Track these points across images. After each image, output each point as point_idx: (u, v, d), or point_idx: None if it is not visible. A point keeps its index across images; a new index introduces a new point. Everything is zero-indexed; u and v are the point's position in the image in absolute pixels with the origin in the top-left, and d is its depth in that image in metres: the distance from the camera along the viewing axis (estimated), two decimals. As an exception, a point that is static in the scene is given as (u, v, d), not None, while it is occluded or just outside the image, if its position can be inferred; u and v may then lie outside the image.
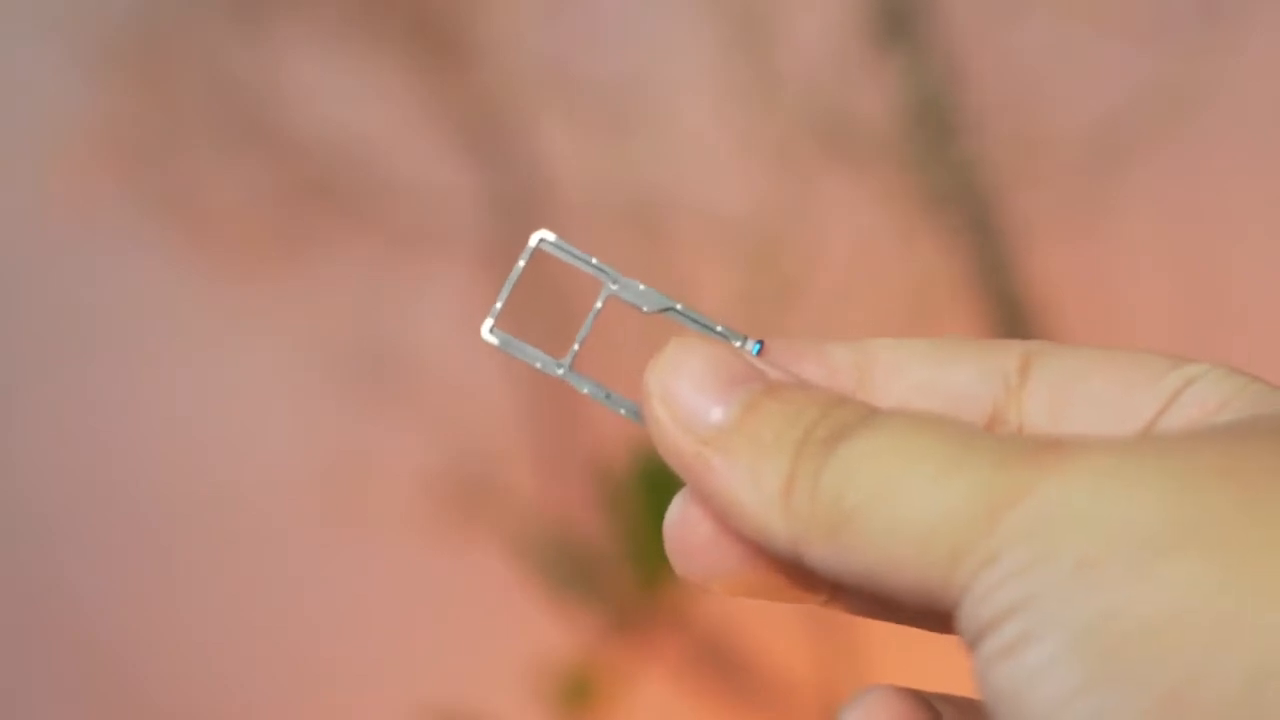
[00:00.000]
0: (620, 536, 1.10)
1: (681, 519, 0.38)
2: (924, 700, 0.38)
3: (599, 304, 0.40)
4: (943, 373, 0.39)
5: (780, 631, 1.11)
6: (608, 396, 0.40)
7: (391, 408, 1.11)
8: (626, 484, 1.09)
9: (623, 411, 0.39)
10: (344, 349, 1.11)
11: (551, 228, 1.17)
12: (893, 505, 0.34)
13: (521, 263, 0.41)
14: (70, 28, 1.09)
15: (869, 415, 0.35)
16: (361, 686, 1.13)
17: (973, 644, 0.33)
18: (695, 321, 0.40)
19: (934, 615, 0.39)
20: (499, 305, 0.41)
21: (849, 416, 0.35)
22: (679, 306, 0.40)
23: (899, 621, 0.39)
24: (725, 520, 0.36)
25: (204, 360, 1.13)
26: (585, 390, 0.40)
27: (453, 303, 1.11)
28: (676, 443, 0.36)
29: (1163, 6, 1.07)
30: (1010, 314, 1.06)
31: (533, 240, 0.41)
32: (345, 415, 1.11)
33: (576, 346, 0.40)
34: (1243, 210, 1.09)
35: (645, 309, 0.40)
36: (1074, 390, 0.38)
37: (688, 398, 0.37)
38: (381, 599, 1.13)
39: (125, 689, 1.12)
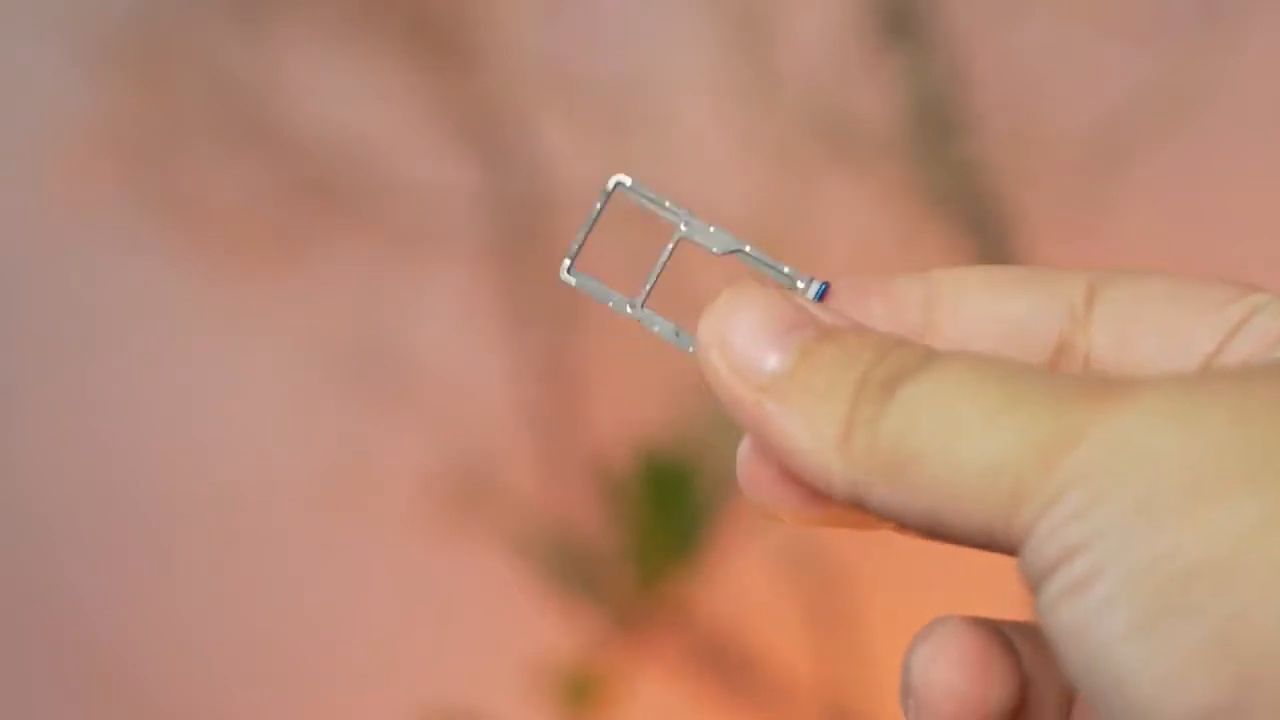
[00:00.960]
0: (621, 536, 1.10)
1: (753, 453, 0.38)
2: (998, 632, 0.38)
3: (670, 245, 0.41)
4: (1008, 303, 0.39)
5: (781, 631, 1.11)
6: (677, 334, 0.40)
7: (392, 407, 1.11)
8: (627, 483, 1.09)
9: (691, 349, 0.39)
10: (344, 349, 1.11)
11: (551, 226, 1.17)
12: (952, 448, 0.34)
13: (598, 204, 0.41)
14: (70, 27, 1.09)
15: (926, 358, 0.36)
16: (361, 686, 1.13)
17: (1036, 585, 0.33)
18: (763, 263, 0.41)
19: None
20: (576, 246, 0.41)
21: (906, 359, 0.36)
22: (748, 248, 0.41)
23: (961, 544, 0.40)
24: (785, 464, 0.37)
25: (204, 360, 1.13)
26: (656, 329, 0.41)
27: (453, 302, 1.11)
28: (733, 391, 0.37)
29: (1163, 6, 1.07)
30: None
31: (609, 183, 0.41)
32: (345, 415, 1.11)
33: (649, 286, 0.41)
34: (1244, 210, 1.09)
35: (715, 250, 0.41)
36: (1139, 320, 0.38)
37: (743, 346, 0.37)
38: (381, 598, 1.13)
39: (125, 689, 1.12)
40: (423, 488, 1.11)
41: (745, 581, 1.10)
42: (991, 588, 0.75)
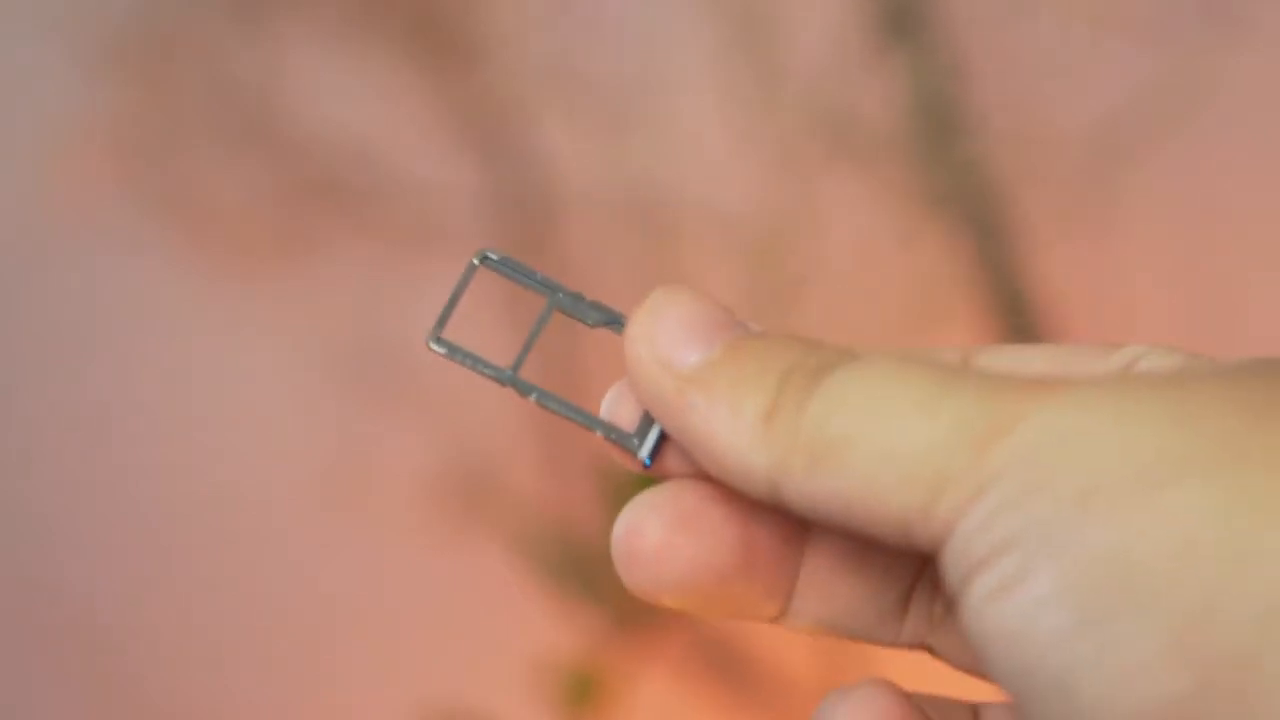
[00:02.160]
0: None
1: (630, 528, 0.37)
2: (914, 704, 0.37)
3: (545, 316, 0.41)
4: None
5: (782, 631, 1.10)
6: (557, 402, 0.40)
7: (393, 407, 1.11)
8: (628, 483, 1.09)
9: (573, 417, 0.39)
10: (345, 348, 1.11)
11: (553, 226, 1.17)
12: (878, 433, 0.33)
13: (465, 279, 0.41)
14: (70, 27, 1.09)
15: (853, 353, 0.35)
16: (362, 686, 1.13)
17: (961, 585, 0.32)
18: None
19: (893, 614, 0.38)
20: (443, 316, 0.41)
21: (834, 354, 0.35)
22: (623, 320, 0.40)
23: (853, 638, 0.39)
24: (703, 462, 0.36)
25: (204, 360, 1.13)
26: (533, 397, 0.40)
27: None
28: (658, 383, 0.37)
29: (1164, 6, 1.07)
30: (1013, 313, 1.06)
31: (475, 258, 0.42)
32: (346, 415, 1.11)
33: (524, 354, 0.41)
34: (1246, 209, 1.09)
35: (590, 322, 0.40)
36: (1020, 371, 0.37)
37: (671, 338, 0.37)
38: (382, 598, 1.13)
39: (126, 688, 1.12)
40: (423, 488, 1.11)
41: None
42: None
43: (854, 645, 1.15)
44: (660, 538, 0.37)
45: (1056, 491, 0.31)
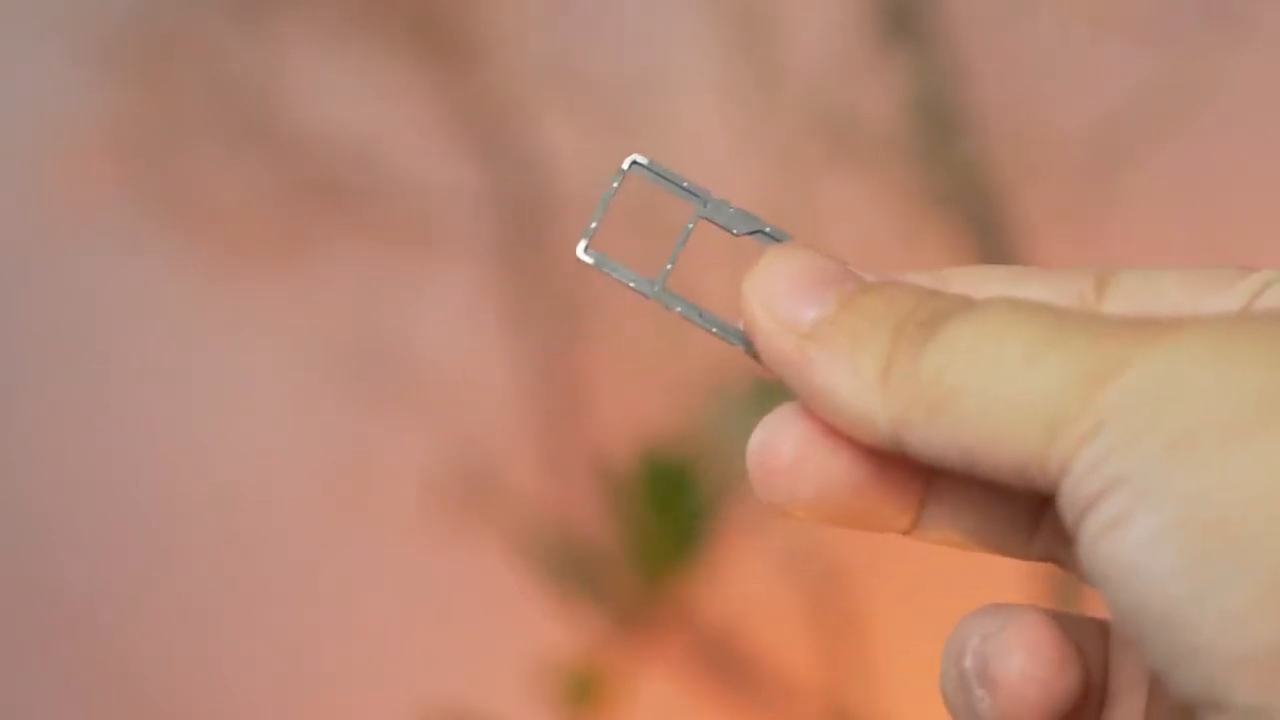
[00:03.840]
0: (623, 535, 1.10)
1: (765, 442, 0.38)
2: (1060, 619, 0.38)
3: (690, 225, 0.40)
4: (1017, 292, 0.39)
5: (784, 631, 1.10)
6: (700, 315, 0.40)
7: (393, 407, 1.11)
8: (629, 482, 1.09)
9: (715, 330, 0.40)
10: (346, 348, 1.11)
11: (553, 226, 1.17)
12: (992, 381, 0.34)
13: (615, 184, 0.41)
14: (71, 27, 1.09)
15: (966, 301, 0.36)
16: (363, 686, 1.13)
17: (1076, 523, 0.33)
18: (784, 241, 0.40)
19: (1024, 528, 0.38)
20: (593, 225, 0.41)
21: (946, 304, 0.36)
22: (769, 229, 0.40)
23: (985, 549, 0.39)
24: (825, 415, 0.37)
25: (205, 359, 1.13)
26: (678, 309, 0.40)
27: (455, 301, 1.11)
28: (777, 342, 0.37)
29: (1164, 6, 1.07)
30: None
31: (625, 163, 0.41)
32: (347, 414, 1.11)
33: (669, 266, 0.40)
34: (1246, 208, 1.09)
35: (735, 231, 0.41)
36: (1151, 302, 0.38)
37: (786, 298, 0.37)
38: (383, 598, 1.13)
39: (126, 688, 1.12)
40: (424, 487, 1.11)
41: (746, 581, 1.10)
42: (992, 586, 0.75)
43: (854, 646, 1.15)
44: (795, 452, 0.38)
45: (1158, 435, 0.32)
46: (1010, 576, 0.98)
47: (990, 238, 1.06)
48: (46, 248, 1.11)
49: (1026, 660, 0.37)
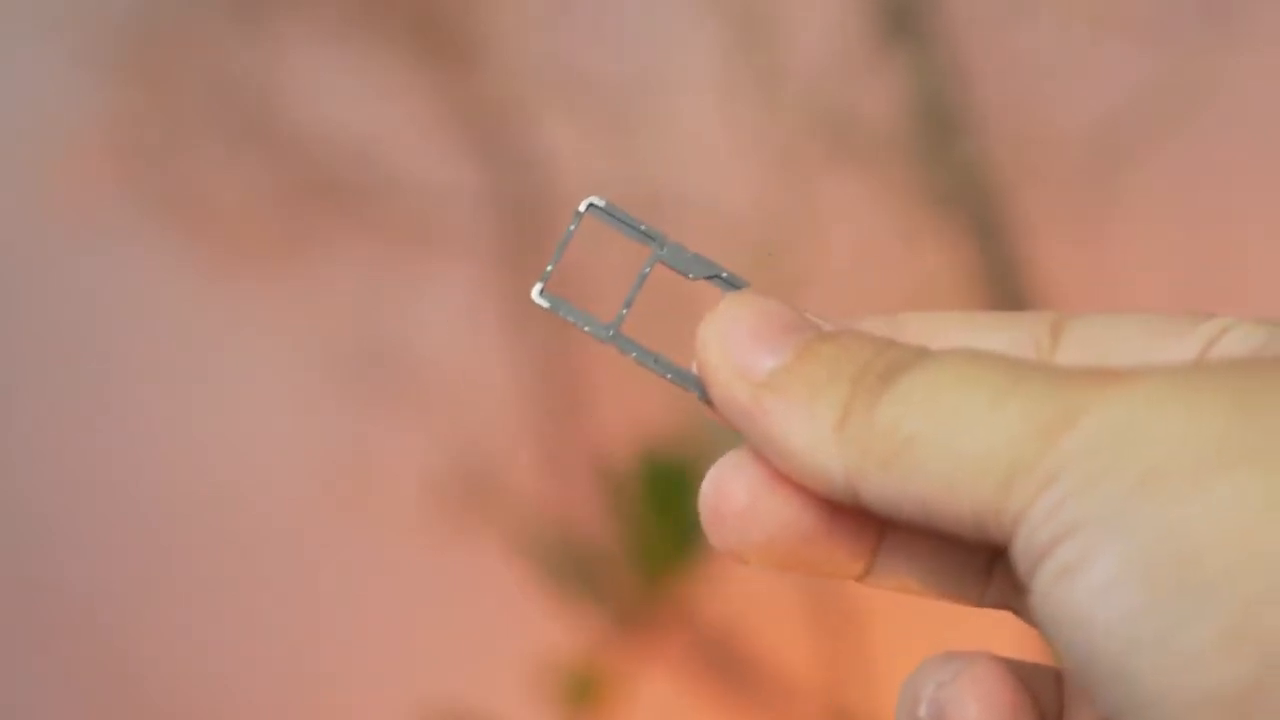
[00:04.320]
0: (623, 535, 1.10)
1: (716, 488, 0.38)
2: (1018, 669, 0.38)
3: (647, 269, 0.40)
4: (974, 338, 0.39)
5: (784, 631, 1.10)
6: (656, 360, 0.40)
7: (394, 407, 1.11)
8: (629, 482, 1.09)
9: (670, 376, 0.40)
10: (346, 348, 1.11)
11: (553, 226, 1.17)
12: (948, 431, 0.34)
13: (572, 227, 0.41)
14: (71, 27, 1.09)
15: (924, 352, 0.36)
16: (363, 685, 1.13)
17: (1030, 572, 0.33)
18: (740, 289, 0.40)
19: (978, 575, 0.38)
20: (549, 269, 0.41)
21: (903, 354, 0.36)
22: (725, 274, 0.40)
23: (939, 596, 0.39)
24: (779, 465, 0.37)
25: (205, 359, 1.13)
26: (633, 355, 0.40)
27: (455, 302, 1.11)
28: (732, 390, 0.37)
29: (1165, 6, 1.07)
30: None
31: (581, 205, 0.41)
32: (347, 414, 1.11)
33: (624, 311, 0.40)
34: (1246, 209, 1.09)
35: (691, 275, 0.40)
36: (1106, 349, 0.38)
37: (743, 346, 0.37)
38: (383, 598, 1.13)
39: (127, 688, 1.12)
40: (424, 487, 1.11)
41: (746, 581, 1.10)
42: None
43: (854, 646, 1.15)
44: (746, 499, 0.38)
45: (1118, 479, 0.32)
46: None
47: (990, 238, 1.06)
48: (46, 248, 1.11)
49: (981, 710, 0.37)
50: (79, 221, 1.10)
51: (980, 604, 0.39)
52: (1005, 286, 1.06)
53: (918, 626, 1.07)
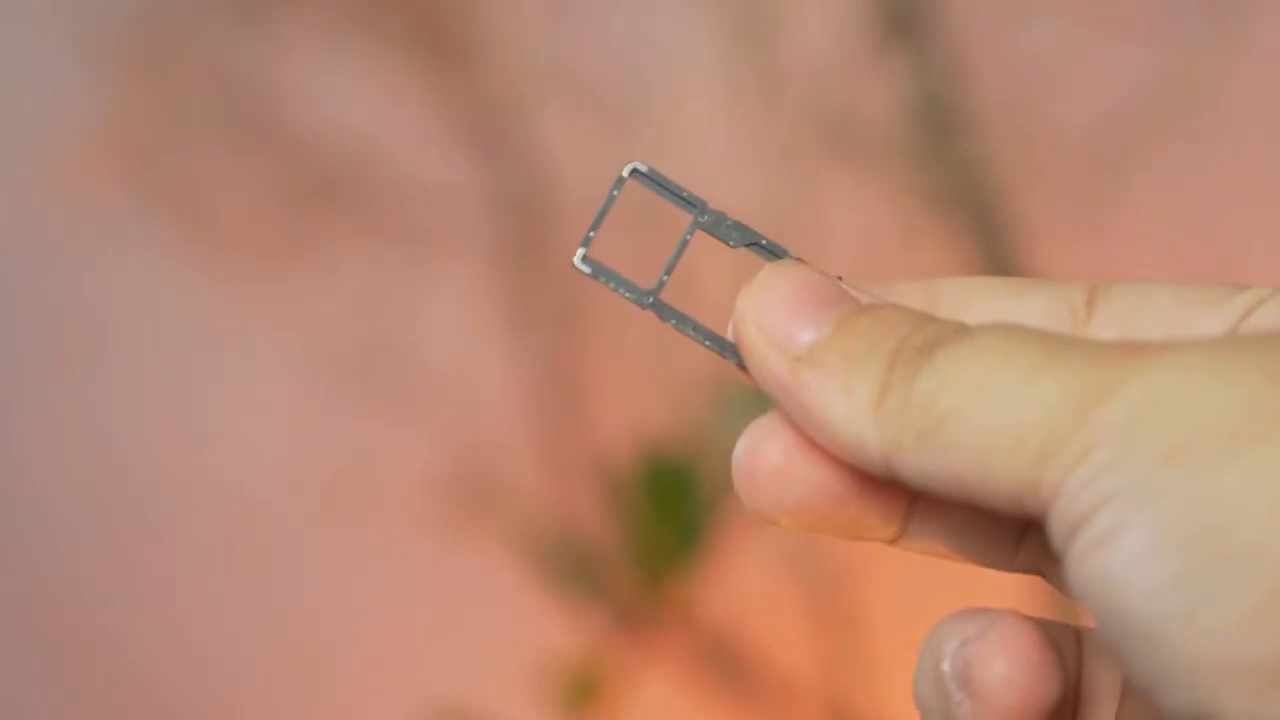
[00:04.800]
0: (624, 535, 1.10)
1: (751, 449, 0.38)
2: (1046, 627, 0.38)
3: (688, 235, 0.40)
4: (1010, 305, 0.39)
5: (784, 630, 1.10)
6: (695, 328, 0.40)
7: (395, 406, 1.11)
8: (631, 482, 1.09)
9: (708, 343, 0.40)
10: (347, 348, 1.11)
11: (554, 226, 1.17)
12: (985, 406, 0.34)
13: (615, 192, 0.40)
14: (74, 27, 1.09)
15: (961, 328, 0.36)
16: (364, 685, 1.13)
17: (1065, 544, 0.33)
18: (780, 256, 0.40)
19: (1009, 540, 0.39)
20: (591, 234, 0.40)
21: (942, 330, 0.36)
22: (765, 241, 0.40)
23: (970, 560, 0.39)
24: (816, 438, 0.37)
25: (207, 359, 1.13)
26: (672, 322, 0.40)
27: (456, 302, 1.11)
28: (770, 364, 0.37)
29: (1165, 5, 1.07)
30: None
31: (625, 170, 0.41)
32: (349, 414, 1.11)
33: (665, 277, 0.40)
34: (1248, 208, 1.09)
35: (732, 243, 0.40)
36: (1142, 317, 0.38)
37: (781, 319, 0.37)
38: (385, 597, 1.13)
39: (127, 688, 1.12)
40: (426, 487, 1.11)
41: (747, 581, 1.10)
42: (990, 586, 0.75)
43: (854, 646, 1.15)
44: (779, 461, 0.38)
45: (1151, 451, 0.32)
46: (1008, 576, 0.98)
47: (990, 238, 1.06)
48: (46, 248, 1.11)
49: (1010, 666, 0.37)
50: (79, 221, 1.10)
51: (1011, 569, 0.39)
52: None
53: (918, 626, 1.06)
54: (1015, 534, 0.39)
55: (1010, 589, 0.99)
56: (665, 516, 1.09)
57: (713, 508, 1.09)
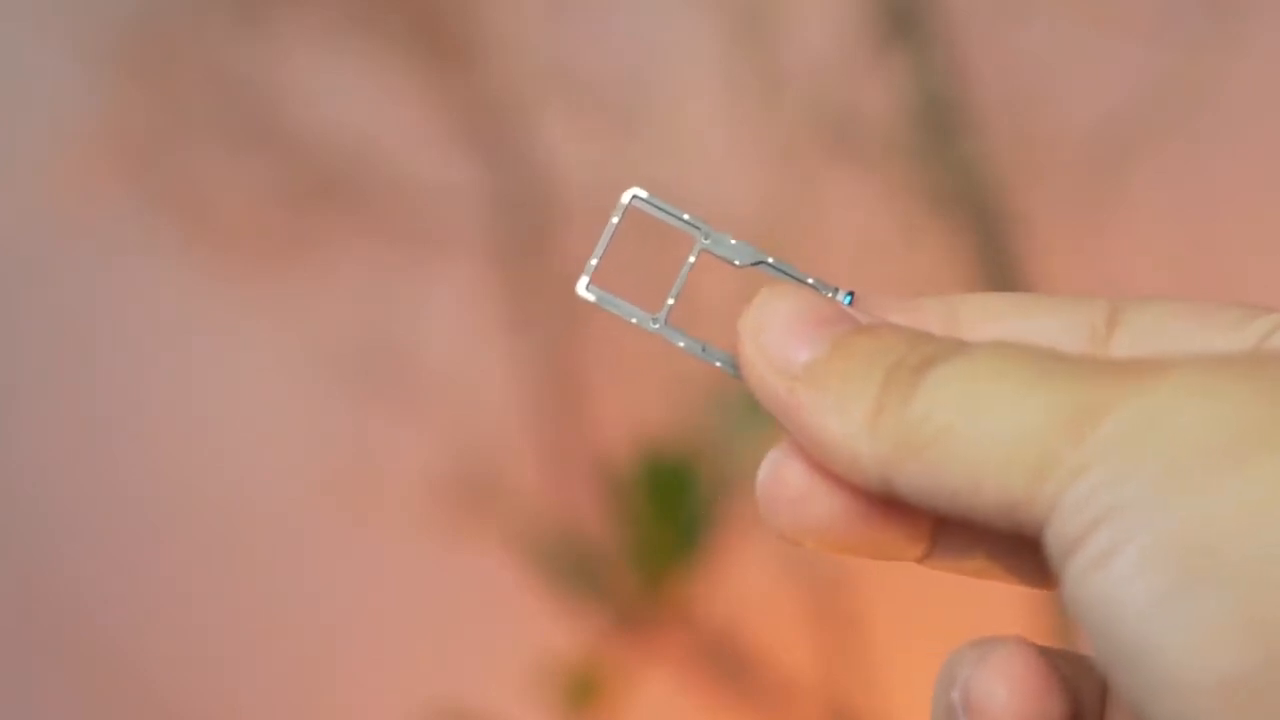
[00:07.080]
0: (625, 535, 1.10)
1: (773, 474, 0.38)
2: (1047, 654, 0.38)
3: (692, 258, 0.41)
4: (1030, 324, 0.39)
5: (784, 630, 1.10)
6: (704, 349, 0.40)
7: (395, 407, 1.11)
8: (631, 482, 1.09)
9: (718, 364, 0.40)
10: (348, 347, 1.11)
11: (554, 226, 1.17)
12: (980, 421, 0.34)
13: (615, 219, 0.41)
14: (74, 27, 1.09)
15: (958, 345, 0.36)
16: (365, 685, 1.13)
17: (1061, 563, 0.33)
18: (787, 274, 0.41)
19: (1037, 558, 0.39)
20: (594, 262, 0.41)
21: (938, 347, 0.36)
22: (771, 260, 0.41)
23: (998, 579, 0.40)
24: (816, 457, 0.37)
25: (208, 359, 1.13)
26: (681, 344, 0.40)
27: (457, 302, 1.11)
28: (769, 383, 0.38)
29: (1165, 4, 1.07)
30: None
31: (625, 197, 0.41)
32: (349, 414, 1.11)
33: (671, 301, 0.41)
34: (1248, 207, 1.09)
35: (738, 263, 0.41)
36: (1161, 337, 0.38)
37: (779, 339, 0.38)
38: (385, 597, 1.13)
39: (130, 687, 1.12)
40: (426, 487, 1.11)
41: (747, 581, 1.10)
42: (991, 590, 0.75)
43: (854, 646, 1.15)
44: (801, 484, 0.38)
45: (1146, 470, 0.32)
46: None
47: (991, 237, 1.06)
48: (46, 248, 1.11)
49: (1008, 693, 0.37)
50: (79, 221, 1.10)
51: (1041, 586, 0.39)
52: (1005, 286, 1.06)
53: (918, 626, 1.07)
54: (1040, 555, 0.39)
55: (1017, 598, 0.99)
56: (665, 516, 1.09)
57: (712, 508, 1.09)
